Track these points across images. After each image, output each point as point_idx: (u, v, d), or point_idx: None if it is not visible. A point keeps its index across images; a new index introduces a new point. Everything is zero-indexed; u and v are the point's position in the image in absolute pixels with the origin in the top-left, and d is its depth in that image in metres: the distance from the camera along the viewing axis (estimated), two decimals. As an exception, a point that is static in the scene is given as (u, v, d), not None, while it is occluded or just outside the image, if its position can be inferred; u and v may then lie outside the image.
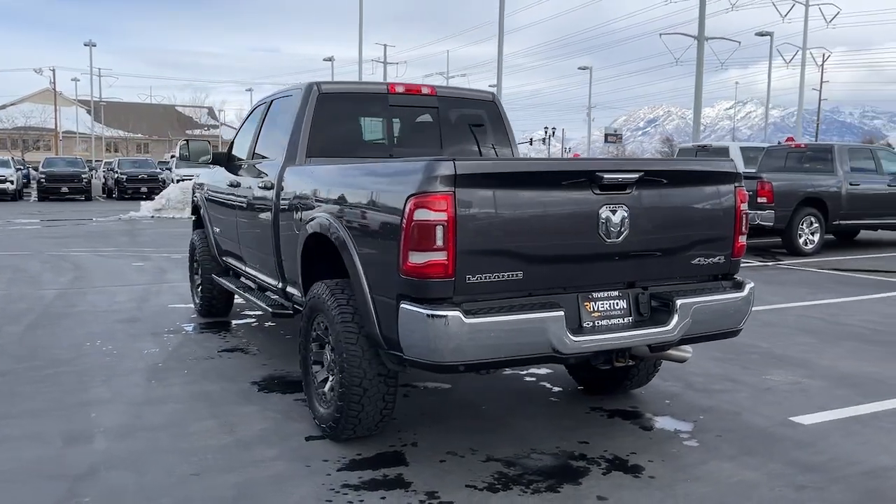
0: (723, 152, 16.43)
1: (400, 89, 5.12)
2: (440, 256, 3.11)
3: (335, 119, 4.95)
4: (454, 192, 3.10)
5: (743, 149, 16.77)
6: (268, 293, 5.54)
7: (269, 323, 6.86)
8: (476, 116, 5.42)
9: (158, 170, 31.93)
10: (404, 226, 3.16)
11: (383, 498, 3.31)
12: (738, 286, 3.88)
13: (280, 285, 4.94)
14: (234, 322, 6.91)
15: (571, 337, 3.30)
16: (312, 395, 4.13)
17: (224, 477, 3.52)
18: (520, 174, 3.31)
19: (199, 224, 7.31)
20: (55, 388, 4.89)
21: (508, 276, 3.26)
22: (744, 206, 3.87)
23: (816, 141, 37.22)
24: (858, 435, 4.14)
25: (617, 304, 3.55)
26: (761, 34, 45.56)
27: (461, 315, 3.09)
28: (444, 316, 3.08)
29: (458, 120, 5.35)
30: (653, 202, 3.57)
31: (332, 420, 3.83)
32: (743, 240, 3.92)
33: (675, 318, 3.55)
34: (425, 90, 5.20)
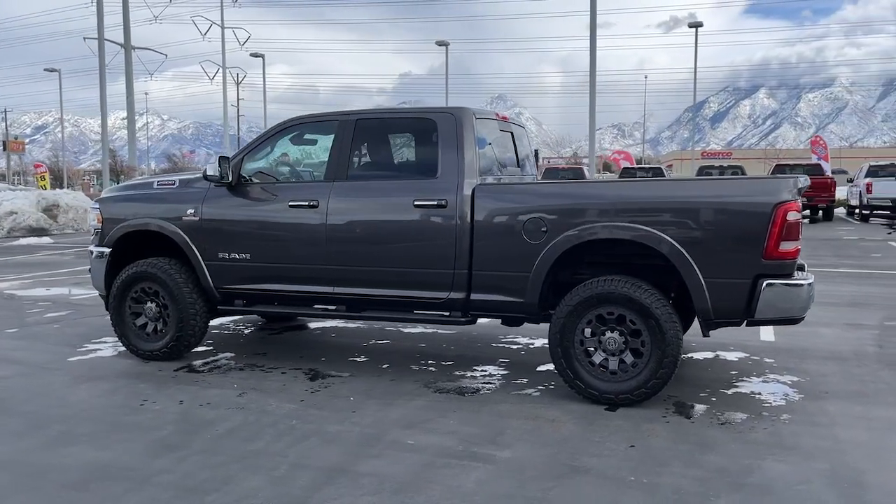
0: None
1: (501, 116, 6.02)
2: (798, 244, 4.59)
3: (483, 141, 5.59)
4: (798, 199, 4.61)
5: None
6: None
7: (264, 351, 6.45)
8: (522, 138, 6.57)
9: None
10: (775, 224, 4.49)
11: (755, 428, 4.55)
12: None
13: (459, 295, 5.26)
14: (203, 360, 6.26)
15: None
16: (587, 377, 4.90)
17: (674, 446, 4.23)
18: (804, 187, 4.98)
19: (119, 258, 6.42)
20: (258, 456, 4.21)
21: (792, 256, 4.88)
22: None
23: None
24: (807, 340, 6.74)
25: None
26: (255, 55, 48.91)
27: (813, 283, 4.62)
28: (802, 284, 4.57)
29: (517, 140, 6.42)
30: (796, 203, 5.56)
31: (643, 387, 4.76)
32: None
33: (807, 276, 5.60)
34: (510, 118, 6.22)
